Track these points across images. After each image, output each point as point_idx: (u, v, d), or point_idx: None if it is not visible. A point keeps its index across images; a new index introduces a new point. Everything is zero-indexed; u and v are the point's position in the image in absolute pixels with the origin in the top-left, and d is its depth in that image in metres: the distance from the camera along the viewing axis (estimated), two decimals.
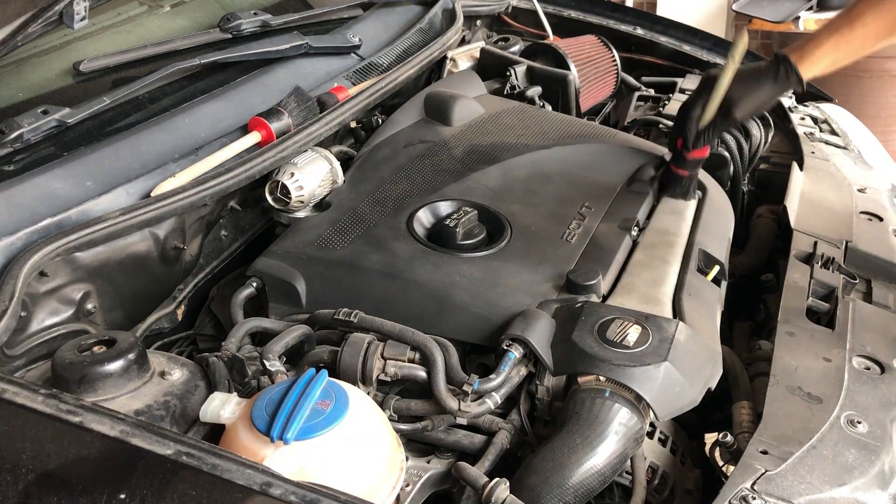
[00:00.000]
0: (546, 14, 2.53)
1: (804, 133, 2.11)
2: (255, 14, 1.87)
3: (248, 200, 1.65)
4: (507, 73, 2.18)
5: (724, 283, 1.52)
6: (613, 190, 1.67)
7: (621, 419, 1.16)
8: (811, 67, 1.53)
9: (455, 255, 1.43)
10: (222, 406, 1.10)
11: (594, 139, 1.83)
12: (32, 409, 0.98)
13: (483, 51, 2.27)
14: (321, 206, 1.60)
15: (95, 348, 1.17)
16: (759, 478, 1.05)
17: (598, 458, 1.13)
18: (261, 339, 1.37)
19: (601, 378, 1.19)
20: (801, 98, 2.35)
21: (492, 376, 1.22)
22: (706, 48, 2.48)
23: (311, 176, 1.58)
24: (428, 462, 1.24)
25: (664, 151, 1.78)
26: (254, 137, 1.60)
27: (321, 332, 1.35)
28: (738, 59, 1.53)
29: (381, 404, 1.25)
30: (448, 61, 2.21)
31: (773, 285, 1.62)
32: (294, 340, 1.30)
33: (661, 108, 2.17)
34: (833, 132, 2.16)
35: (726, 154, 1.99)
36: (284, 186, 1.55)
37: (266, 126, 1.61)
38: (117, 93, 1.56)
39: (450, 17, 2.26)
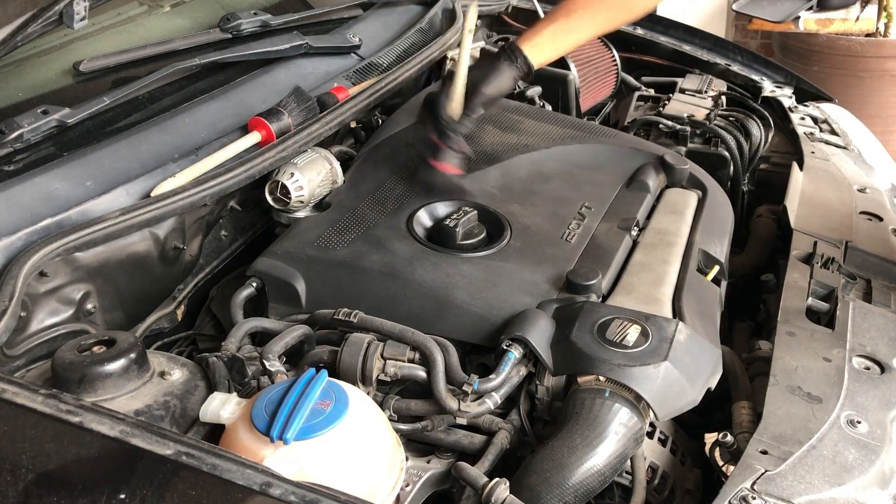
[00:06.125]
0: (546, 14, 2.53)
1: (804, 133, 2.11)
2: (254, 14, 1.87)
3: (248, 200, 1.65)
4: None
5: (724, 283, 1.52)
6: (613, 190, 1.67)
7: (621, 419, 1.16)
8: (534, 53, 1.63)
9: (455, 255, 1.42)
10: (222, 406, 1.10)
11: (594, 139, 1.83)
12: (32, 409, 0.98)
13: (483, 51, 2.27)
14: (321, 206, 1.60)
15: (95, 348, 1.17)
16: (759, 478, 1.05)
17: (598, 458, 1.13)
18: (261, 339, 1.37)
19: (601, 378, 1.19)
20: (801, 98, 2.35)
21: (492, 376, 1.22)
22: (706, 48, 2.48)
23: (311, 176, 1.58)
24: (428, 462, 1.24)
25: (664, 151, 1.78)
26: (254, 137, 1.60)
27: (321, 332, 1.35)
28: (469, 36, 1.65)
29: (381, 404, 1.25)
30: (448, 61, 2.21)
31: (773, 285, 1.62)
32: (294, 340, 1.30)
33: (661, 108, 2.17)
34: (833, 132, 2.16)
35: (726, 154, 1.99)
36: (284, 186, 1.55)
37: (266, 126, 1.61)
38: (117, 93, 1.56)
39: (450, 17, 2.26)
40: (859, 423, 1.16)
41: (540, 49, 1.64)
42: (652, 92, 2.34)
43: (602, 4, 1.67)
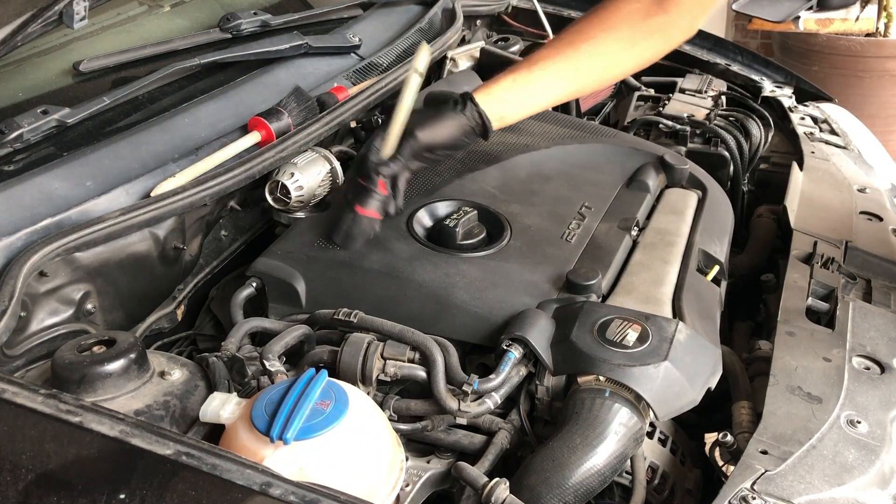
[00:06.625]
0: (546, 14, 2.53)
1: (804, 133, 2.11)
2: (254, 14, 1.87)
3: (248, 200, 1.65)
4: None
5: (724, 283, 1.52)
6: (613, 190, 1.67)
7: (621, 419, 1.16)
8: (489, 101, 1.46)
9: (455, 255, 1.42)
10: (222, 406, 1.10)
11: (594, 139, 1.83)
12: (32, 409, 0.98)
13: (483, 51, 2.27)
14: (321, 206, 1.60)
15: (95, 348, 1.17)
16: (758, 478, 1.05)
17: (598, 458, 1.13)
18: (261, 339, 1.37)
19: (601, 378, 1.19)
20: (801, 98, 2.35)
21: (492, 376, 1.22)
22: (706, 48, 2.48)
23: (311, 176, 1.58)
24: (428, 462, 1.24)
25: (664, 151, 1.78)
26: (254, 137, 1.60)
27: (321, 332, 1.35)
28: (416, 78, 1.48)
29: (381, 404, 1.25)
30: (448, 61, 2.21)
31: (773, 285, 1.62)
32: (294, 340, 1.30)
33: (661, 108, 2.17)
34: (833, 132, 2.16)
35: (726, 154, 1.99)
36: (284, 186, 1.55)
37: (266, 126, 1.61)
38: (117, 93, 1.56)
39: (450, 16, 2.26)
40: (859, 423, 1.16)
41: (496, 99, 1.47)
42: (652, 92, 2.34)
43: (568, 61, 1.50)
